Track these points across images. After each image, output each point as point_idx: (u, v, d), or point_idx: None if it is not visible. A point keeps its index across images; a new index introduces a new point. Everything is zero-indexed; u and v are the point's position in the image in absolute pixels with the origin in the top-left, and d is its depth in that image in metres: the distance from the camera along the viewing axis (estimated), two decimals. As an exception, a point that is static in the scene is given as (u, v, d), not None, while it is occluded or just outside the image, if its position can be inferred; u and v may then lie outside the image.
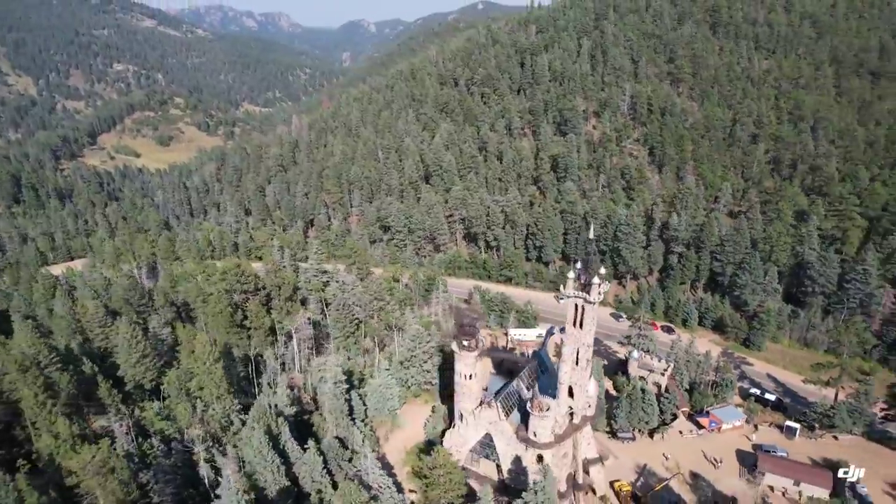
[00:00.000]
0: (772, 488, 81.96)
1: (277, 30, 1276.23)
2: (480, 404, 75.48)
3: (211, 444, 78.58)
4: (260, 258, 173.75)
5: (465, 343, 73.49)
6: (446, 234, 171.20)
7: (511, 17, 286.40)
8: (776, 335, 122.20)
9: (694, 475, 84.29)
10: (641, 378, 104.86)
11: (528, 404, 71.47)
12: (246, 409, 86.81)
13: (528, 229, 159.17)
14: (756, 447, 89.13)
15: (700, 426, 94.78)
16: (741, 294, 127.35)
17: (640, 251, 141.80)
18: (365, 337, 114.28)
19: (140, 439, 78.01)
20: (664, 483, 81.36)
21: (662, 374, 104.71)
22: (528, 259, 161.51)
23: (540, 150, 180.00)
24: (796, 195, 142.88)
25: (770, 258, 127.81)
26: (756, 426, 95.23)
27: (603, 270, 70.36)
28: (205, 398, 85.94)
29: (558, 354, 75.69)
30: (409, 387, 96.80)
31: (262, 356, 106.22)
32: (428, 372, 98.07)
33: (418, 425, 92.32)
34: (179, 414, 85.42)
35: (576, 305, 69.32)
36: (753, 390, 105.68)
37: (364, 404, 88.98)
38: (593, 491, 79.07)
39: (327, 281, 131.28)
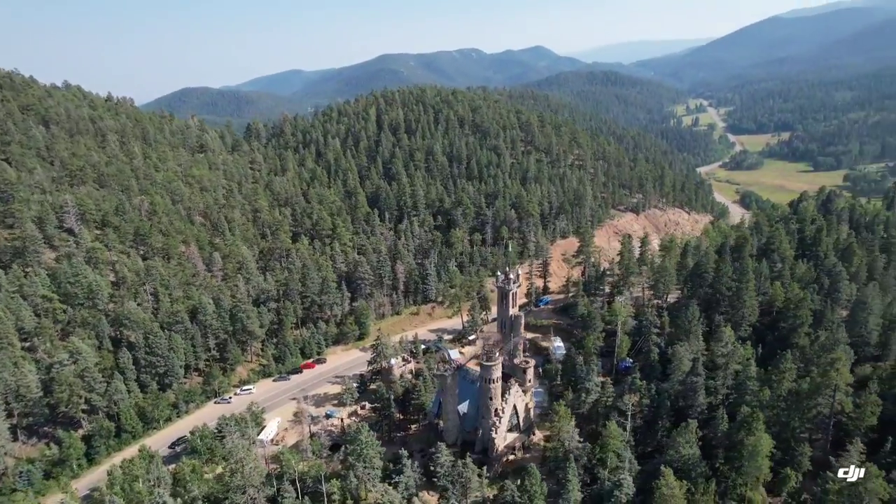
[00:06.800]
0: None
1: None
2: (507, 390, 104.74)
3: None
4: None
5: (496, 355, 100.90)
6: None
7: None
8: (372, 319, 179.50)
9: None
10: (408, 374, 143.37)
11: (521, 364, 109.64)
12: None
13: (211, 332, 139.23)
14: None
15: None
16: (331, 311, 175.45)
17: (256, 319, 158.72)
18: None
19: None
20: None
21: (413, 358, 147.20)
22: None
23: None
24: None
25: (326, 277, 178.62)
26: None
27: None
28: None
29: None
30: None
31: None
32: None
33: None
34: None
35: (504, 293, 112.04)
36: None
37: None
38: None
39: None
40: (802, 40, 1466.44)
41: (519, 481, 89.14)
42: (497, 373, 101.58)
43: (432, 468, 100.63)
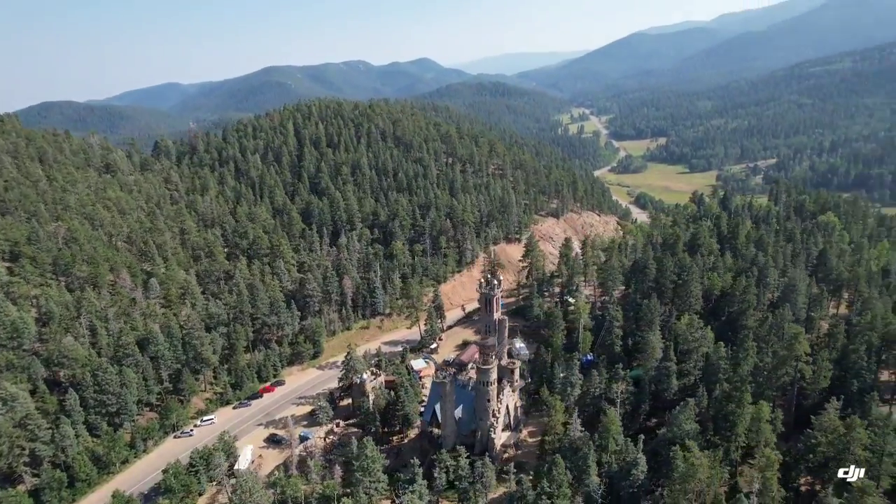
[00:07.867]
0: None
1: None
2: (501, 391, 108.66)
3: None
4: None
5: (492, 359, 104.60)
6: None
7: None
8: (324, 336, 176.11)
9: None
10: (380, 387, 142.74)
11: (508, 365, 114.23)
12: None
13: (164, 362, 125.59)
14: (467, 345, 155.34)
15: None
16: (282, 332, 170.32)
17: (209, 346, 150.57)
18: None
19: None
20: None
21: (380, 373, 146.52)
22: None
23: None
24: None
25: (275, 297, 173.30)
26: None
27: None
28: None
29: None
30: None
31: None
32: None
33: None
34: None
35: (488, 299, 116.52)
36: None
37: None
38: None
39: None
40: (663, 55, 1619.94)
41: (530, 474, 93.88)
42: (494, 375, 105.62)
43: (435, 475, 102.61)
